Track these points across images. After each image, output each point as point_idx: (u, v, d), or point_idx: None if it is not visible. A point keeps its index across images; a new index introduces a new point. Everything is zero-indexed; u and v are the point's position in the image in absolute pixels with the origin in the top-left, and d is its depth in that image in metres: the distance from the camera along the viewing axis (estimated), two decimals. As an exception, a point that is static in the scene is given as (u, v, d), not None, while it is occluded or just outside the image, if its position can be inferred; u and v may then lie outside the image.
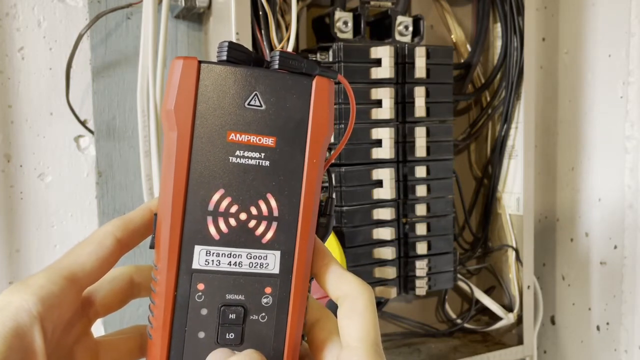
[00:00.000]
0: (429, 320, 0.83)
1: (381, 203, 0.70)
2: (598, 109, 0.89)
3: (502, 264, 0.83)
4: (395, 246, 0.71)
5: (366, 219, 0.69)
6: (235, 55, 0.29)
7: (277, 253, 0.29)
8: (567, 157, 0.94)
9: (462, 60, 0.82)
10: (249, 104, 0.29)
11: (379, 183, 0.69)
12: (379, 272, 0.70)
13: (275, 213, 0.29)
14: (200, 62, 0.28)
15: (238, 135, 0.28)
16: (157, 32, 0.63)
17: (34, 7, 0.68)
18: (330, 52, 0.67)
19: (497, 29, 0.80)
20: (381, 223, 0.70)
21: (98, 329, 0.71)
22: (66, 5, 0.70)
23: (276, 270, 0.29)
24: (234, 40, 0.60)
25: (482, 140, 0.84)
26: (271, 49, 0.62)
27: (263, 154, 0.29)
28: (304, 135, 0.29)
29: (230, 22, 0.61)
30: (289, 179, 0.29)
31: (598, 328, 0.91)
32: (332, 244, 0.65)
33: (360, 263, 0.69)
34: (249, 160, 0.29)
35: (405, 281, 0.73)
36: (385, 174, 0.68)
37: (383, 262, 0.70)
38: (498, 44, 0.80)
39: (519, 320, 0.81)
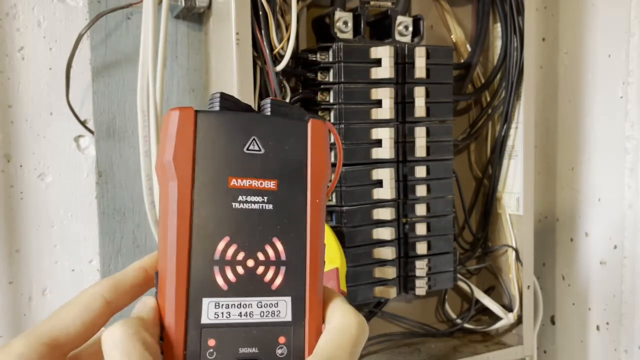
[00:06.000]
0: (429, 320, 0.83)
1: (381, 203, 0.70)
2: (598, 109, 0.89)
3: (502, 264, 0.83)
4: (395, 246, 0.71)
5: (366, 219, 0.69)
6: (227, 105, 0.29)
7: (288, 299, 0.28)
8: (567, 157, 0.94)
9: (462, 60, 0.82)
10: (248, 149, 0.28)
11: (379, 183, 0.69)
12: (379, 272, 0.70)
13: (283, 257, 0.28)
14: (196, 111, 0.28)
15: (239, 180, 0.28)
16: (157, 32, 0.63)
17: (34, 7, 0.68)
18: (330, 52, 0.67)
19: (497, 29, 0.80)
20: (381, 223, 0.70)
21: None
22: (66, 5, 0.70)
23: (289, 318, 0.28)
24: (235, 39, 0.60)
25: (482, 140, 0.84)
26: (271, 49, 0.62)
27: (266, 198, 0.28)
28: (304, 177, 0.29)
29: (230, 22, 0.61)
30: (294, 221, 0.29)
31: (598, 328, 0.91)
32: (332, 244, 0.65)
33: (360, 263, 0.69)
34: (252, 204, 0.28)
35: (405, 281, 0.73)
36: (385, 174, 0.68)
37: (383, 262, 0.70)
38: (498, 44, 0.80)
39: (519, 320, 0.81)
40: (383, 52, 0.67)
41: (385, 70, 0.67)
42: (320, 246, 0.29)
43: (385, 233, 0.69)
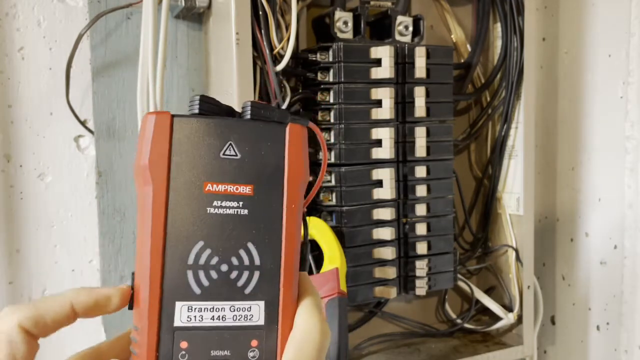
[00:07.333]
0: (429, 320, 0.83)
1: (381, 203, 0.70)
2: (598, 109, 0.89)
3: (502, 264, 0.83)
4: (395, 246, 0.71)
5: (366, 219, 0.69)
6: (206, 107, 0.29)
7: (261, 303, 0.29)
8: (567, 157, 0.94)
9: (462, 60, 0.82)
10: (224, 154, 0.29)
11: (379, 183, 0.69)
12: (379, 272, 0.70)
13: (257, 262, 0.29)
14: (173, 116, 0.28)
15: (215, 185, 0.28)
16: (157, 32, 0.63)
17: (34, 7, 0.68)
18: (330, 52, 0.67)
19: (497, 29, 0.80)
20: (381, 223, 0.70)
21: (98, 332, 0.71)
22: (66, 5, 0.70)
23: (261, 322, 0.29)
24: (235, 39, 0.60)
25: (482, 140, 0.84)
26: (271, 49, 0.62)
27: (241, 203, 0.29)
28: (280, 182, 0.29)
29: (230, 22, 0.61)
30: (269, 226, 0.29)
31: (598, 328, 0.91)
32: (332, 244, 0.65)
33: (360, 263, 0.69)
34: (227, 210, 0.28)
35: (405, 281, 0.73)
36: (385, 174, 0.68)
37: (383, 262, 0.70)
38: (498, 44, 0.80)
39: (519, 320, 0.81)
40: (383, 52, 0.67)
41: (385, 70, 0.67)
42: (295, 251, 0.29)
43: (385, 233, 0.69)
